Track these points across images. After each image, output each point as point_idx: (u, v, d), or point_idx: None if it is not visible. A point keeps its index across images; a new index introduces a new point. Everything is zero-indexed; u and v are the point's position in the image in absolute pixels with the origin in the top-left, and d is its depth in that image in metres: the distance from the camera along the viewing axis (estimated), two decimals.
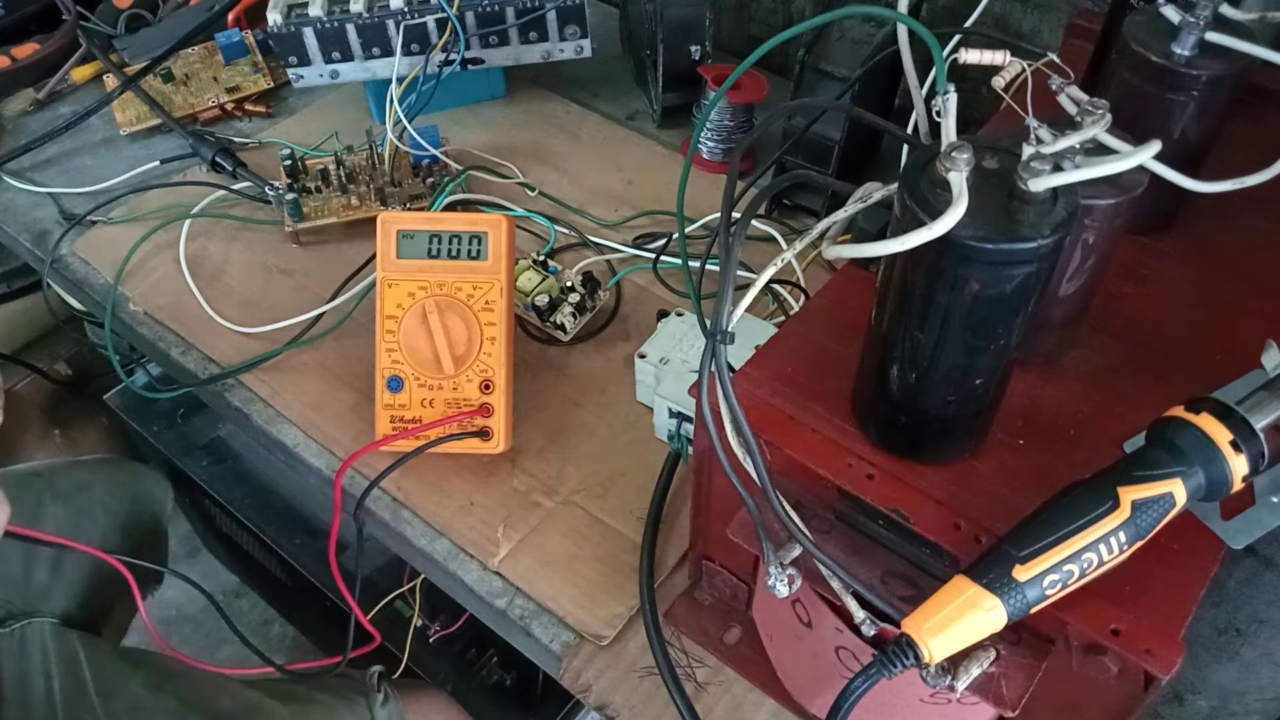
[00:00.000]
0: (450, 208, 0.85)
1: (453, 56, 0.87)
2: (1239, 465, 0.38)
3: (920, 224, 0.36)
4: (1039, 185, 0.36)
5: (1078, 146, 0.38)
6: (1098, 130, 0.39)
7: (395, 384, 0.66)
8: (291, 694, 0.82)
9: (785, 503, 0.43)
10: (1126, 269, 0.53)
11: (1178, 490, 0.38)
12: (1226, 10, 0.48)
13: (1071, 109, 0.43)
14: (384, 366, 0.66)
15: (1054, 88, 0.44)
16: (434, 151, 0.86)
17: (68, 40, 1.01)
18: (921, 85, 0.49)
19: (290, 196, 0.83)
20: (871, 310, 0.43)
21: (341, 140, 0.90)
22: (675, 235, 0.82)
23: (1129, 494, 0.38)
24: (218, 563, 1.36)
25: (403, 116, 0.84)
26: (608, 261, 0.83)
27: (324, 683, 0.84)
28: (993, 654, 0.42)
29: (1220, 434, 0.38)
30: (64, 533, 0.81)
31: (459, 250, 0.66)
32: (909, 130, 0.68)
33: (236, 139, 0.94)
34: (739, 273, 0.77)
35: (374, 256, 0.66)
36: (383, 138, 0.85)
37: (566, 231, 0.85)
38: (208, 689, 0.81)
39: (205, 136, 0.92)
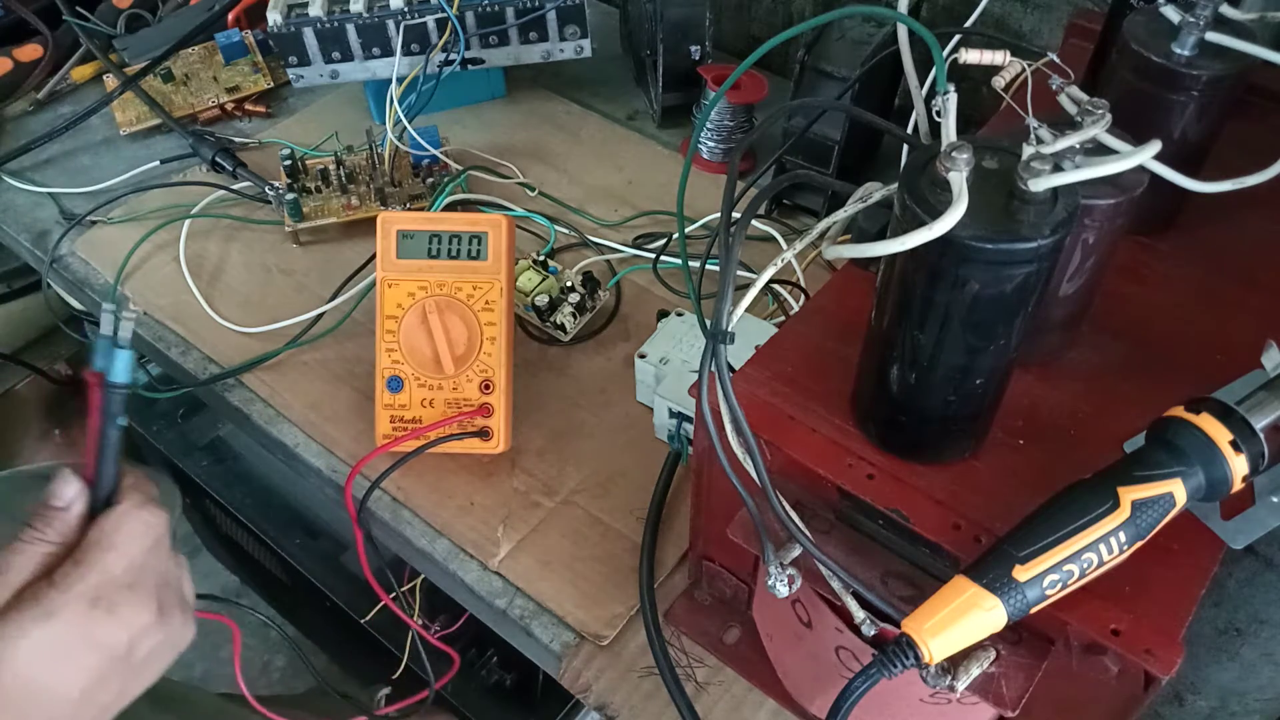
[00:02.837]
0: (450, 208, 0.84)
1: (453, 56, 0.87)
2: (1239, 465, 0.38)
3: (920, 224, 0.36)
4: (1039, 185, 0.36)
5: (1078, 146, 0.38)
6: (1098, 130, 0.39)
7: (395, 384, 0.66)
8: (291, 717, 0.81)
9: (785, 503, 0.43)
10: (1126, 269, 0.53)
11: (1178, 490, 0.38)
12: (1226, 10, 0.48)
13: (1071, 109, 0.43)
14: (384, 366, 0.66)
15: (1054, 88, 0.44)
16: (434, 151, 0.86)
17: (68, 40, 1.01)
18: (921, 85, 0.49)
19: (290, 196, 0.83)
20: (871, 310, 0.43)
21: (341, 140, 0.90)
22: (675, 235, 0.82)
23: (1129, 494, 0.38)
24: (218, 563, 1.36)
25: (403, 116, 0.84)
26: (608, 261, 0.83)
27: (325, 706, 0.83)
28: (993, 654, 0.42)
29: (1220, 434, 0.38)
30: None
31: (459, 250, 0.66)
32: (909, 130, 0.68)
33: (236, 139, 0.94)
34: (739, 273, 0.77)
35: (374, 256, 0.66)
36: (383, 138, 0.85)
37: (566, 231, 0.85)
38: (211, 711, 0.80)
39: (205, 136, 0.92)
